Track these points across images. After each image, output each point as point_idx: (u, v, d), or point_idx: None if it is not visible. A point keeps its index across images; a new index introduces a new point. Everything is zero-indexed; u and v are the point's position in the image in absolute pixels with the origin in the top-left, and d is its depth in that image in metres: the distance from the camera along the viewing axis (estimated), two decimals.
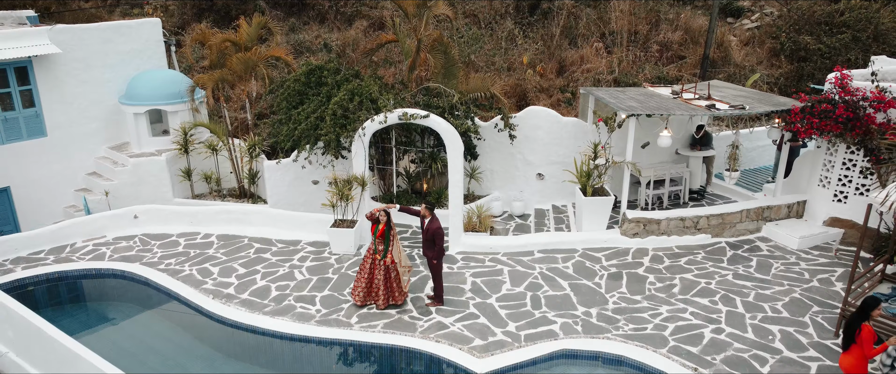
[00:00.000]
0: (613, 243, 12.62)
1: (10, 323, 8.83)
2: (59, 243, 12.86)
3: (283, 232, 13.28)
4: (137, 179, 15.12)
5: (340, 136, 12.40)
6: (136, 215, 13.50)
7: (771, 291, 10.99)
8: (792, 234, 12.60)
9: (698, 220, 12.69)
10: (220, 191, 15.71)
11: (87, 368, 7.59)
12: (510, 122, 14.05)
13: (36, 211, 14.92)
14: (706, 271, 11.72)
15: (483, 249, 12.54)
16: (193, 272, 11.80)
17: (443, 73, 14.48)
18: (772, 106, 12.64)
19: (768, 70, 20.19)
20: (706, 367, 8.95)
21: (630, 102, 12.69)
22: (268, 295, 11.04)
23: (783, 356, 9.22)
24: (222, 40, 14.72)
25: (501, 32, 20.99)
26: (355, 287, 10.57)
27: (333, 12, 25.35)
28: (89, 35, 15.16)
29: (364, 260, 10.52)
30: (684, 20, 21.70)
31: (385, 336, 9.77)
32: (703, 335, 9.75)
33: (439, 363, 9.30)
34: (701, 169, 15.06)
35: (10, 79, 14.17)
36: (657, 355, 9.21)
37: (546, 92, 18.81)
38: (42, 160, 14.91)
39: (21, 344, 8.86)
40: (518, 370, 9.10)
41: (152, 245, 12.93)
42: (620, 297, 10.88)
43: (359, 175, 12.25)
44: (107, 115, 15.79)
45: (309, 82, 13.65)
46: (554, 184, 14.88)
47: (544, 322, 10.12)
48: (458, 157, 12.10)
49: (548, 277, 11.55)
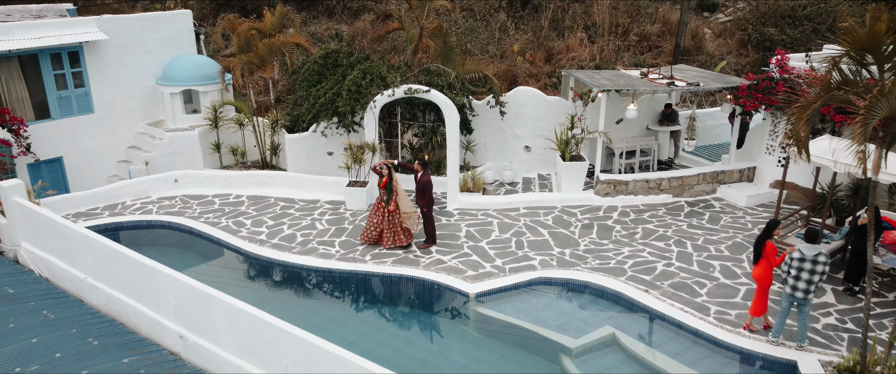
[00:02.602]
0: (588, 201, 14.72)
1: (91, 252, 10.87)
2: (111, 201, 14.94)
3: (303, 193, 15.36)
4: (173, 151, 17.17)
5: (355, 108, 14.46)
6: (177, 178, 15.58)
7: (717, 237, 13.10)
8: (741, 194, 14.70)
9: (661, 182, 14.80)
10: (245, 162, 17.78)
11: (164, 280, 9.63)
12: (501, 100, 16.12)
13: (83, 179, 16.95)
14: (665, 223, 13.82)
15: (476, 205, 14.63)
16: (229, 224, 13.89)
17: (442, 57, 16.55)
18: (723, 84, 14.74)
19: (736, 59, 22.28)
20: (655, 290, 11.05)
21: (603, 81, 14.77)
22: (294, 241, 13.12)
23: (719, 282, 11.33)
24: (249, 28, 16.78)
25: (495, 24, 23.07)
26: (365, 230, 12.70)
27: (341, 7, 27.43)
28: (131, 24, 17.22)
29: (373, 208, 12.65)
30: (662, 14, 23.79)
31: (394, 268, 11.88)
32: (656, 267, 11.86)
33: (439, 288, 11.41)
34: (668, 142, 17.17)
35: (64, 62, 16.22)
36: (617, 281, 11.31)
37: (535, 77, 20.89)
38: (89, 134, 16.96)
39: (100, 269, 10.89)
40: (502, 292, 11.21)
41: (192, 203, 15.01)
42: (590, 241, 12.98)
43: (370, 142, 14.33)
44: (145, 94, 17.84)
45: (326, 64, 15.74)
46: (539, 155, 16.94)
47: (525, 259, 12.22)
48: (454, 126, 14.18)
49: (530, 226, 13.65)
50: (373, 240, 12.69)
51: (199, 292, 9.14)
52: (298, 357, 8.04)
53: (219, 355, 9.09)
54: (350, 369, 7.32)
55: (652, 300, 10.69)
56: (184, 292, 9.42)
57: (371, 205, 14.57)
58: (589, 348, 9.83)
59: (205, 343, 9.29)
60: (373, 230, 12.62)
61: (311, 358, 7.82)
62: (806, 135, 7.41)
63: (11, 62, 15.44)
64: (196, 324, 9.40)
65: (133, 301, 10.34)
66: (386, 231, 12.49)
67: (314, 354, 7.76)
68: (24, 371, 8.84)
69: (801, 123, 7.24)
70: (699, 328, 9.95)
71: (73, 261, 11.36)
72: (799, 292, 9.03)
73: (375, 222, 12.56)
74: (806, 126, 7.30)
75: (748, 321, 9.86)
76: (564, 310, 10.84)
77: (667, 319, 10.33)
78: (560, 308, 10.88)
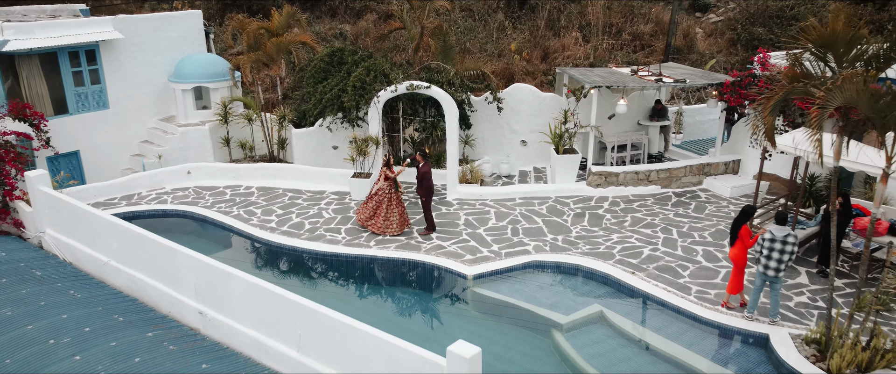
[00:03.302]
0: (580, 192, 15.50)
1: (115, 236, 11.65)
2: (128, 192, 15.73)
3: (310, 184, 16.15)
4: (184, 145, 17.94)
5: (359, 103, 15.26)
6: (189, 170, 16.36)
7: (701, 224, 13.90)
8: (726, 185, 15.50)
9: (650, 173, 15.59)
10: (253, 156, 18.56)
11: (184, 260, 10.40)
12: (498, 96, 16.90)
13: (99, 172, 17.71)
14: (653, 211, 14.61)
15: (474, 196, 15.42)
16: (241, 213, 14.67)
17: (441, 55, 17.33)
18: (709, 80, 15.54)
19: (726, 57, 23.07)
20: (641, 272, 11.84)
21: (594, 78, 15.55)
22: (302, 228, 13.91)
23: (701, 266, 12.12)
24: (258, 28, 17.56)
25: (493, 24, 23.87)
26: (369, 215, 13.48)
27: (344, 7, 28.23)
28: (144, 24, 18.00)
29: (372, 195, 13.44)
30: (655, 14, 24.58)
31: (397, 252, 12.67)
32: (642, 252, 12.65)
33: (440, 270, 12.20)
34: (658, 137, 17.95)
35: (81, 59, 17.00)
36: (605, 264, 12.10)
37: (531, 75, 21.68)
38: (105, 128, 17.73)
39: (122, 252, 11.67)
40: (499, 275, 12.00)
41: (204, 194, 15.79)
42: (582, 229, 13.77)
43: (374, 136, 15.11)
44: (157, 91, 18.62)
45: (332, 62, 16.53)
46: (535, 149, 17.71)
47: (520, 245, 13.01)
48: (453, 121, 14.96)
49: (525, 215, 14.44)
50: (367, 215, 13.41)
51: (218, 270, 9.94)
52: (311, 328, 8.82)
53: (236, 328, 9.87)
54: (361, 336, 8.10)
55: (638, 281, 11.47)
56: (203, 272, 10.21)
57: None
58: (578, 323, 10.62)
59: (223, 318, 10.08)
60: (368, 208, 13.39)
61: (325, 328, 8.59)
62: (770, 125, 8.19)
63: (32, 60, 16.22)
64: (215, 301, 10.18)
65: (154, 281, 11.13)
66: (380, 212, 13.23)
67: (327, 324, 8.53)
68: (58, 342, 9.64)
69: (765, 113, 8.02)
70: (680, 305, 10.74)
71: (96, 245, 12.15)
72: (770, 270, 9.82)
73: (371, 205, 13.36)
74: (770, 116, 8.08)
75: (726, 299, 10.65)
76: (556, 290, 11.63)
77: (651, 298, 11.11)
78: (552, 289, 11.67)
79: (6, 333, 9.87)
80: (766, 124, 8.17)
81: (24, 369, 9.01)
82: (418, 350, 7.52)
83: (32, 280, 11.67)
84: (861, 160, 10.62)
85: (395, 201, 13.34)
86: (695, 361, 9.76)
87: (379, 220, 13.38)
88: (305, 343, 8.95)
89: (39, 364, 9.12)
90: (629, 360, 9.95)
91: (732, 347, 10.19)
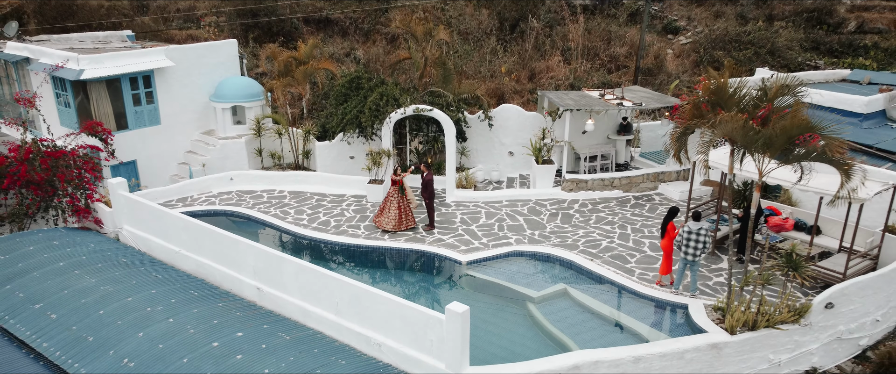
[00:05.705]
0: (556, 195, 18.78)
1: (186, 230, 14.89)
2: (182, 195, 18.98)
3: (333, 189, 19.40)
4: (223, 155, 21.20)
5: (374, 122, 18.53)
6: (232, 177, 19.61)
7: (651, 223, 17.17)
8: (676, 190, 18.76)
9: (614, 180, 18.87)
10: (282, 165, 21.82)
11: (245, 248, 13.62)
12: (489, 114, 20.17)
13: (151, 178, 20.97)
14: (614, 212, 17.89)
15: (469, 199, 18.68)
16: (278, 212, 17.92)
17: (442, 80, 20.60)
18: (662, 104, 18.81)
19: (691, 77, 26.35)
20: (597, 259, 15.10)
21: (568, 101, 18.82)
22: (329, 225, 17.15)
23: (646, 254, 15.39)
24: (288, 57, 20.83)
25: (487, 47, 27.15)
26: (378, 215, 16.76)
27: (354, 27, 31.50)
28: (191, 52, 21.25)
29: (385, 199, 16.70)
30: (630, 38, 27.86)
31: (406, 244, 15.94)
32: (600, 243, 15.91)
33: (440, 258, 15.47)
34: (625, 149, 21.24)
35: (139, 83, 20.26)
36: (571, 253, 15.35)
37: (519, 93, 24.96)
38: (157, 141, 20.98)
39: (191, 243, 14.90)
40: (487, 261, 15.27)
41: (245, 197, 19.05)
42: (555, 226, 17.03)
43: (386, 149, 18.38)
44: (200, 109, 21.88)
45: (351, 86, 19.81)
46: (520, 159, 20.97)
47: (504, 238, 16.27)
48: (452, 137, 18.23)
49: (510, 215, 17.71)
50: (376, 214, 16.67)
51: (273, 255, 13.19)
52: (346, 296, 12.06)
53: (287, 300, 13.10)
54: (383, 301, 11.36)
55: (595, 266, 14.73)
56: (260, 256, 13.45)
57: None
58: (547, 297, 13.88)
59: (276, 292, 13.30)
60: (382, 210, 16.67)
61: (357, 296, 11.83)
62: (677, 149, 11.47)
63: (100, 84, 19.46)
64: (269, 279, 13.41)
65: (218, 265, 14.37)
66: (383, 209, 16.47)
67: (358, 294, 11.78)
68: (154, 309, 12.88)
69: (673, 140, 11.31)
70: (625, 283, 13.99)
71: (168, 237, 15.40)
72: (689, 255, 13.09)
73: (385, 207, 16.62)
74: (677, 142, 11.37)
75: (658, 279, 13.92)
76: (531, 273, 14.90)
77: (604, 279, 14.37)
78: (528, 272, 14.95)
79: (112, 303, 13.10)
80: (675, 149, 11.44)
81: (132, 328, 12.22)
82: (426, 309, 10.81)
83: (121, 265, 14.91)
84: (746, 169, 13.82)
85: (397, 203, 16.55)
86: (635, 325, 13.01)
87: (381, 215, 16.65)
88: (341, 309, 12.18)
89: (144, 324, 12.34)
90: (585, 323, 13.20)
91: (663, 314, 13.45)
